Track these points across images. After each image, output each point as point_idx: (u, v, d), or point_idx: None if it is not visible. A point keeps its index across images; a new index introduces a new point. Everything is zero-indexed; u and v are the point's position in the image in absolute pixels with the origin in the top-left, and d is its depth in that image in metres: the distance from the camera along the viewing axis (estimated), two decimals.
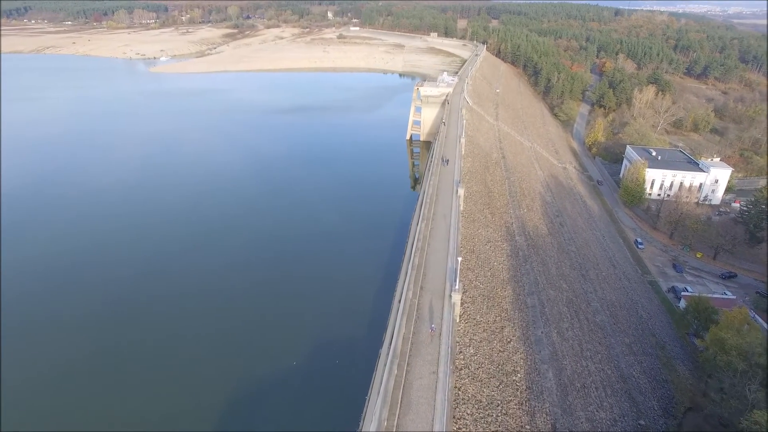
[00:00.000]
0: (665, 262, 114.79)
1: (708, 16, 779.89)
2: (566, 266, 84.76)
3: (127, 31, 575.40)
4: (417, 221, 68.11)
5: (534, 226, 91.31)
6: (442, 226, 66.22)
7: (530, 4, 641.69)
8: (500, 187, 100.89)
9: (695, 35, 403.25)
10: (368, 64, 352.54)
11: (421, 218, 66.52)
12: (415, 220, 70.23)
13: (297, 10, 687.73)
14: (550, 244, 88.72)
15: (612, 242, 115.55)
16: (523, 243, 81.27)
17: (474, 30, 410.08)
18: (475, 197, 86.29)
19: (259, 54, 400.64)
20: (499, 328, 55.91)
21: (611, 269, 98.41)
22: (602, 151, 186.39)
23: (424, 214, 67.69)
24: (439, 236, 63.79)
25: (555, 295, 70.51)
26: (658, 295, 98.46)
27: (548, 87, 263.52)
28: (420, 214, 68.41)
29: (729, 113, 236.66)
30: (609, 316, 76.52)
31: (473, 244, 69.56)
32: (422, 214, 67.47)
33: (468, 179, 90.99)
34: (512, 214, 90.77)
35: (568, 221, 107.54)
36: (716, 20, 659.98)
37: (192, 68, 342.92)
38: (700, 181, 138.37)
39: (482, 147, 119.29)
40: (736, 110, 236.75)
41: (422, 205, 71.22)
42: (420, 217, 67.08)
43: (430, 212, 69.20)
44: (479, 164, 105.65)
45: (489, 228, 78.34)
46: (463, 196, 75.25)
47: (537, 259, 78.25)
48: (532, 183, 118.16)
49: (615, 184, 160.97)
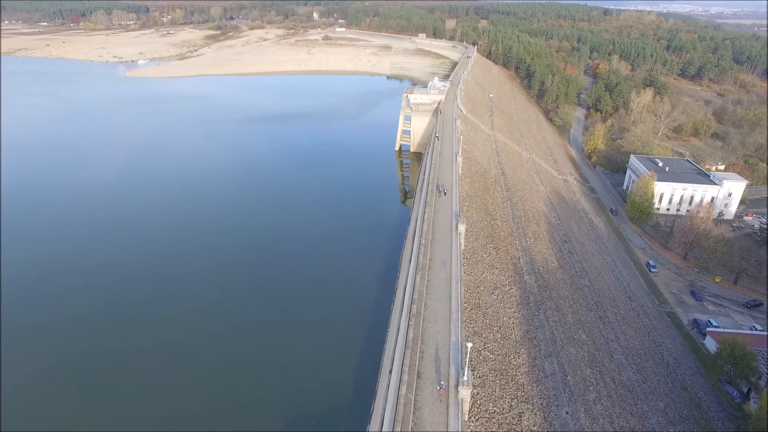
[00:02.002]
0: (682, 288, 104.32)
1: (693, 15, 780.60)
2: (582, 308, 73.49)
3: (105, 33, 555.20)
4: (409, 268, 56.13)
5: (543, 259, 79.96)
6: (441, 277, 54.35)
7: (519, 4, 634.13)
8: (502, 211, 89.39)
9: (686, 35, 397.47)
10: (354, 67, 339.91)
11: (415, 266, 54.52)
12: (406, 266, 58.25)
13: (282, 11, 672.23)
14: (563, 281, 77.42)
15: (623, 267, 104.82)
16: (533, 284, 69.76)
17: (463, 31, 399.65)
18: (476, 229, 74.61)
19: (241, 56, 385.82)
20: (517, 417, 44.22)
21: (627, 303, 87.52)
22: (602, 160, 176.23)
23: (418, 260, 55.72)
24: (437, 292, 51.91)
25: (576, 354, 59.04)
26: (679, 331, 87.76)
27: (542, 90, 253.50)
28: (413, 260, 56.44)
29: (728, 117, 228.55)
30: (636, 371, 65.35)
31: (478, 295, 57.82)
32: (417, 261, 55.50)
33: (467, 206, 79.32)
34: (518, 246, 79.28)
35: (577, 247, 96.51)
36: (701, 20, 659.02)
37: (170, 72, 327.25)
38: (712, 194, 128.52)
39: (480, 163, 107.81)
40: (735, 114, 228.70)
41: (417, 247, 59.21)
42: (413, 265, 55.07)
43: (426, 257, 57.28)
44: (478, 185, 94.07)
45: (495, 269, 66.68)
46: (464, 233, 63.46)
47: (551, 305, 66.79)
48: (535, 202, 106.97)
49: (618, 196, 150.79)
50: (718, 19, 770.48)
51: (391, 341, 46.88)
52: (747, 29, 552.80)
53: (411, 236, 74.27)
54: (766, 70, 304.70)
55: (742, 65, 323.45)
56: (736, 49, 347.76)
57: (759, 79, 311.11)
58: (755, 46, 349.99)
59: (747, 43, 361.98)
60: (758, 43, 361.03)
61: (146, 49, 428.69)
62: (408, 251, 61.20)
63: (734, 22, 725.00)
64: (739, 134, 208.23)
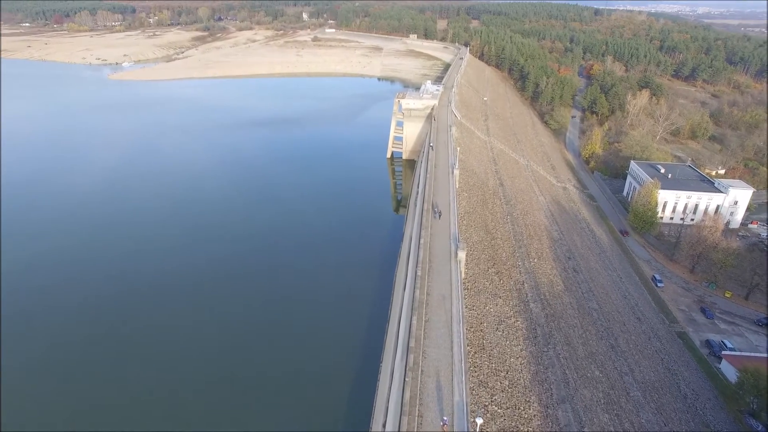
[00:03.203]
0: (690, 304, 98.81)
1: (681, 15, 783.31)
2: (592, 336, 67.36)
3: (89, 34, 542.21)
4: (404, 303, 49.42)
5: (548, 281, 73.74)
6: (441, 317, 47.65)
7: (510, 4, 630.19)
8: (503, 228, 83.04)
9: (678, 36, 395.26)
10: (344, 69, 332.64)
11: (410, 304, 47.85)
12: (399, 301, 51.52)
13: (271, 12, 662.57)
14: (570, 306, 71.25)
15: (629, 283, 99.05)
16: (539, 313, 63.42)
17: (455, 31, 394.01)
18: (477, 251, 68.13)
19: (228, 58, 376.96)
20: None
21: (637, 325, 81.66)
22: (601, 165, 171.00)
23: (414, 296, 49.00)
24: (437, 336, 45.22)
25: (590, 397, 52.76)
26: (693, 354, 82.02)
27: (536, 92, 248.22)
28: (408, 295, 49.79)
29: (725, 118, 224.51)
30: (655, 410, 59.30)
31: (482, 334, 51.32)
32: (412, 298, 48.80)
33: (466, 225, 72.85)
34: (521, 268, 72.95)
35: (581, 264, 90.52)
36: (689, 20, 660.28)
37: (155, 75, 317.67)
38: (718, 203, 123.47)
39: (477, 174, 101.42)
40: (732, 115, 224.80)
41: (412, 279, 52.52)
42: (408, 301, 48.41)
43: (423, 291, 50.57)
44: (476, 199, 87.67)
45: (498, 298, 60.22)
46: (464, 260, 56.88)
47: (560, 337, 60.49)
48: (536, 215, 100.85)
49: (619, 203, 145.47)
50: (706, 19, 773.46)
51: (382, 400, 40.11)
52: (734, 29, 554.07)
53: (404, 259, 67.77)
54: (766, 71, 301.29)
55: (735, 66, 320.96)
56: (728, 50, 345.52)
57: (753, 80, 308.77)
58: (748, 46, 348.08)
59: (739, 43, 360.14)
60: (750, 43, 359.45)
61: (131, 51, 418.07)
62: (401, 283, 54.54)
63: (722, 22, 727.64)
64: (736, 137, 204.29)
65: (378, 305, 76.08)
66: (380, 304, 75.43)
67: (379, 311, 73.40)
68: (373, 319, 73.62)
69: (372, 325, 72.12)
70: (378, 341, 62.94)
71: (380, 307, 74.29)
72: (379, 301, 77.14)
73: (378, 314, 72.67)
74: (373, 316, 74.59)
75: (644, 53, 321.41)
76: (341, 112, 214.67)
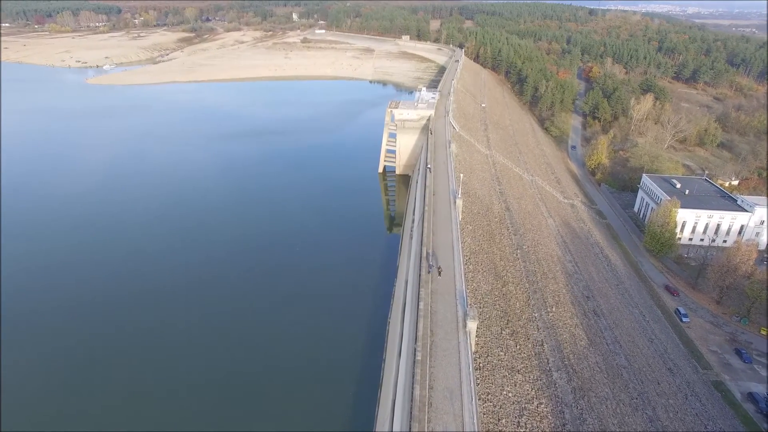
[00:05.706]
0: (722, 343, 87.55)
1: (672, 15, 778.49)
2: (627, 408, 55.74)
3: (71, 35, 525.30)
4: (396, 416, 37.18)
5: (570, 336, 62.05)
6: (450, 425, 35.50)
7: (504, 4, 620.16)
8: (513, 268, 71.20)
9: (676, 36, 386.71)
10: (335, 72, 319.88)
11: (409, 411, 35.67)
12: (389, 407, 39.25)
13: (260, 12, 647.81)
14: (597, 367, 59.60)
15: (653, 320, 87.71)
16: (565, 386, 51.64)
17: (449, 32, 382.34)
18: (488, 307, 56.21)
19: (214, 61, 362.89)
20: None
21: (671, 379, 70.24)
22: (608, 177, 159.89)
23: (413, 395, 36.82)
24: None
25: None
26: (736, 412, 70.70)
27: (535, 97, 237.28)
28: (403, 398, 37.66)
29: (731, 124, 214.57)
30: None
31: None
32: (411, 398, 36.62)
33: (473, 271, 60.91)
34: (538, 322, 61.17)
35: (602, 303, 79.04)
36: (680, 19, 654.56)
37: (137, 79, 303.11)
38: (742, 222, 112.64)
39: (481, 198, 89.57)
40: (739, 120, 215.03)
41: (410, 368, 40.35)
42: (404, 410, 36.25)
43: (425, 386, 38.37)
44: (482, 232, 75.75)
45: (516, 374, 48.35)
46: (474, 331, 44.85)
47: (591, 420, 48.70)
48: (548, 244, 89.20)
49: (630, 220, 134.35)
50: (697, 19, 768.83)
51: None
52: (726, 29, 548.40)
53: (397, 327, 55.71)
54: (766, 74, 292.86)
55: (737, 68, 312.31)
56: (729, 51, 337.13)
57: (755, 82, 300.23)
58: (748, 47, 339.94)
59: (738, 44, 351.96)
60: (750, 44, 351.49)
61: (114, 53, 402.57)
62: (392, 367, 42.36)
63: (713, 22, 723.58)
64: (745, 143, 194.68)
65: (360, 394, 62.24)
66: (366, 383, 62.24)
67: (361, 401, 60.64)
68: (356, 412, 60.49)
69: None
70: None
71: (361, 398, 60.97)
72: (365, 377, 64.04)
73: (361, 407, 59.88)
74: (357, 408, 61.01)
75: (644, 55, 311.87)
76: (329, 121, 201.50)
